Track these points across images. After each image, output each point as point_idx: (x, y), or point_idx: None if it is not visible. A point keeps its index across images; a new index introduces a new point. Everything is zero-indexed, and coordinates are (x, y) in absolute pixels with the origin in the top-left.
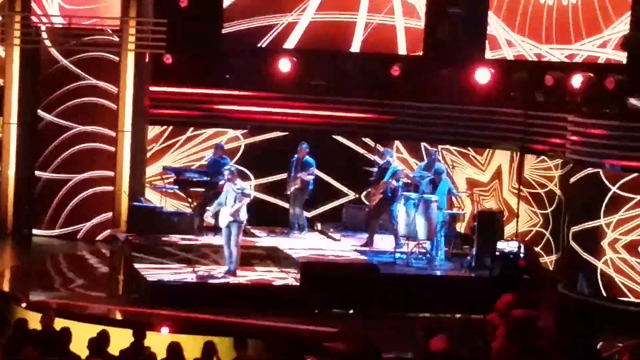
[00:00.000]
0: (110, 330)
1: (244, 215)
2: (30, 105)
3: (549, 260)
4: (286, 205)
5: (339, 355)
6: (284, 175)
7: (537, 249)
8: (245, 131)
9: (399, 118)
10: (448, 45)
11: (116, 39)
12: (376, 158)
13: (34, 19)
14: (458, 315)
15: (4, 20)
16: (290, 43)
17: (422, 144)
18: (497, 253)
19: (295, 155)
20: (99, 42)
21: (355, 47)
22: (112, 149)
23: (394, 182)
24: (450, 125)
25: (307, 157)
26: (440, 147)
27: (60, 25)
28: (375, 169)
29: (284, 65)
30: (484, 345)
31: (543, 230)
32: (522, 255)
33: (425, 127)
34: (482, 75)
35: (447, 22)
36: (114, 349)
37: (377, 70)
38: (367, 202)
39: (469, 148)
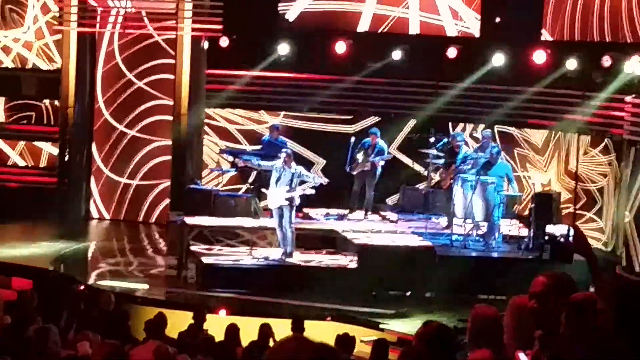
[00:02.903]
0: (167, 313)
1: (298, 199)
2: (85, 91)
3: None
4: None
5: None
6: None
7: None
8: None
9: (454, 100)
10: (504, 26)
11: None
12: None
13: (92, 2)
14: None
15: (62, 4)
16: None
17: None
18: (547, 236)
19: (367, 139)
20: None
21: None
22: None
23: (464, 168)
24: (506, 107)
25: (381, 143)
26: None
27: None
28: (433, 151)
29: (340, 47)
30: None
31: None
32: (571, 238)
33: (480, 109)
34: (539, 57)
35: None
36: (171, 331)
37: (433, 52)
38: (438, 185)
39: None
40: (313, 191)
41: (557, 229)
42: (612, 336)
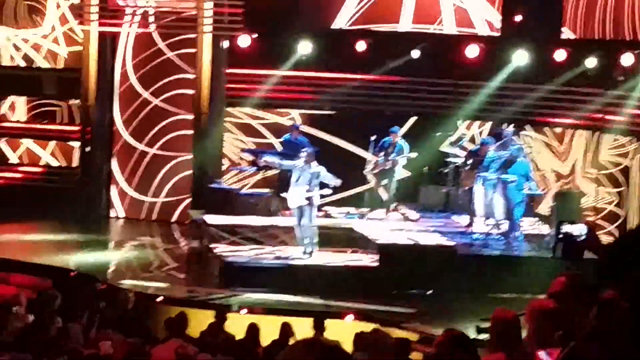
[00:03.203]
0: (189, 312)
1: (317, 199)
2: (105, 87)
3: None
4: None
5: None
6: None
7: (613, 227)
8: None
9: (473, 98)
10: (525, 24)
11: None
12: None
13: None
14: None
15: (83, 3)
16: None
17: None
18: (560, 235)
19: (388, 138)
20: (176, 26)
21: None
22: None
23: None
24: (525, 105)
25: (401, 142)
26: (522, 133)
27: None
28: (454, 151)
29: (360, 46)
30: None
31: (618, 209)
32: (584, 237)
33: (500, 107)
34: (558, 55)
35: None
36: (193, 330)
37: (451, 50)
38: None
39: (549, 136)
40: (330, 192)
41: (572, 228)
42: (629, 335)
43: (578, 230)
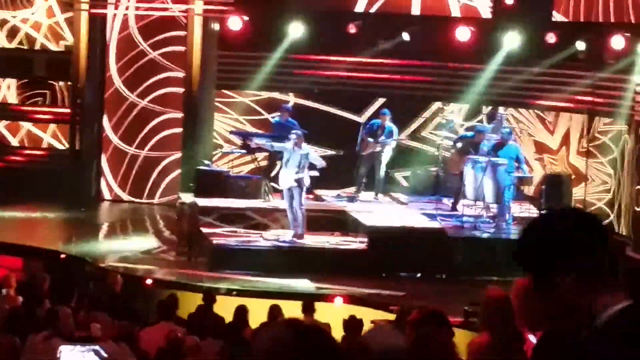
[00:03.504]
0: (177, 294)
1: (307, 180)
2: (97, 71)
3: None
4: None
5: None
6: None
7: (613, 216)
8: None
9: (465, 81)
10: (516, 6)
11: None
12: (443, 120)
13: None
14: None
15: None
16: (359, 6)
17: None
18: None
19: (377, 120)
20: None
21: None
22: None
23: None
24: (516, 88)
25: (391, 124)
26: (517, 109)
27: None
28: (444, 134)
29: (351, 28)
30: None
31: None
32: None
33: (491, 90)
34: (549, 38)
35: None
36: (181, 312)
37: (441, 33)
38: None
39: (548, 114)
40: (317, 173)
41: None
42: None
43: None
